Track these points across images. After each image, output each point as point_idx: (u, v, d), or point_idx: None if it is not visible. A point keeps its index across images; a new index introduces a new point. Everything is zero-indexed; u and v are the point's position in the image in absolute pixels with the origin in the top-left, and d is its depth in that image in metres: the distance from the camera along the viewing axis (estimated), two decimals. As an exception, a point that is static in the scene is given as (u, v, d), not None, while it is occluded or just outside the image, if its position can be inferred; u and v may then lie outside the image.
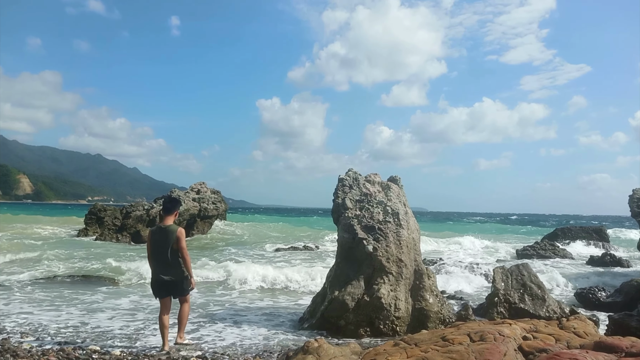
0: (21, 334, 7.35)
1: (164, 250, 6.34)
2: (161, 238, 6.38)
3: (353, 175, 9.61)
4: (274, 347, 7.08)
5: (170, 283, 6.37)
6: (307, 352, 4.86)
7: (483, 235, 31.66)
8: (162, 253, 6.36)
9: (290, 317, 9.19)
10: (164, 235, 6.38)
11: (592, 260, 19.30)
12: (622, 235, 37.24)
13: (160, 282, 6.40)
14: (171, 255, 6.33)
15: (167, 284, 6.38)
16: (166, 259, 6.33)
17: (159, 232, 6.43)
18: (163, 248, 6.34)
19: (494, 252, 22.81)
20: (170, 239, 6.34)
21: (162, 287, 6.44)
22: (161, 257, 6.37)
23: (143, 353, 6.43)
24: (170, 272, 6.34)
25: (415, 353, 4.35)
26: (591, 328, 5.44)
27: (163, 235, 6.39)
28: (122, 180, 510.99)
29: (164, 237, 6.37)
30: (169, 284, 6.38)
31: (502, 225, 60.83)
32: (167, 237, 6.36)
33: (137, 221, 28.09)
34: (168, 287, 6.42)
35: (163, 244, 6.35)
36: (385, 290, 7.90)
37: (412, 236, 8.69)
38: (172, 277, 6.34)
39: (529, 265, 9.41)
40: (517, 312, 8.29)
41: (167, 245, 6.33)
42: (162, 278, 6.36)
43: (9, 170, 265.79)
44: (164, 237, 6.37)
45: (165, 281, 6.37)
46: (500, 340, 4.41)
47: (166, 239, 6.35)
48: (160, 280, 6.39)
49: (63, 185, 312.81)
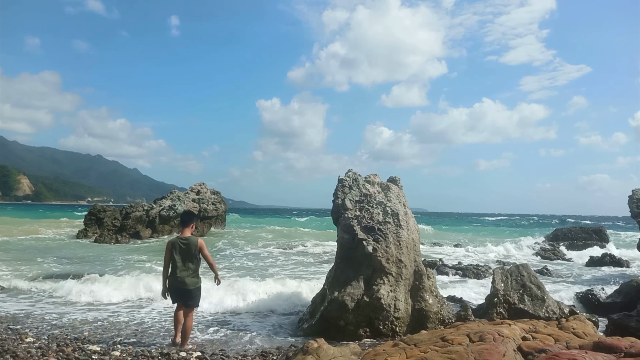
0: (20, 334, 7.35)
1: (183, 261, 6.73)
2: (181, 249, 6.73)
3: (353, 176, 9.62)
4: (274, 347, 7.09)
5: (184, 292, 6.75)
6: (306, 353, 4.87)
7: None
8: (181, 263, 6.73)
9: (290, 317, 9.20)
10: (184, 247, 6.73)
11: (591, 261, 19.31)
12: (622, 235, 37.24)
13: (177, 290, 6.78)
14: (188, 266, 6.72)
15: (182, 292, 6.77)
16: (183, 268, 6.72)
17: (181, 245, 6.76)
18: (182, 258, 6.72)
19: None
20: (192, 250, 6.71)
21: (176, 293, 6.82)
22: (184, 267, 6.74)
23: (143, 353, 6.43)
24: (190, 281, 6.73)
25: (414, 353, 4.36)
26: (590, 328, 5.45)
27: (183, 246, 6.74)
28: (122, 181, 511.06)
29: (184, 248, 6.73)
30: (183, 292, 6.76)
31: (515, 227, 60.70)
32: (187, 248, 6.72)
33: (137, 222, 28.11)
34: (186, 295, 6.79)
35: (183, 254, 6.72)
36: (384, 290, 7.90)
37: (412, 237, 8.70)
38: (186, 286, 6.71)
39: (528, 265, 9.42)
40: (517, 313, 8.29)
41: (186, 255, 6.72)
42: (178, 287, 6.74)
43: (9, 171, 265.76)
44: (184, 248, 6.73)
45: (180, 289, 6.75)
46: (499, 341, 4.42)
47: (186, 250, 6.72)
48: (177, 288, 6.77)
49: (63, 186, 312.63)
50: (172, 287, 6.80)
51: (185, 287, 6.69)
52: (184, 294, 6.74)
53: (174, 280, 6.73)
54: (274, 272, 15.15)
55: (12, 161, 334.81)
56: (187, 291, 6.72)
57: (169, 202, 29.68)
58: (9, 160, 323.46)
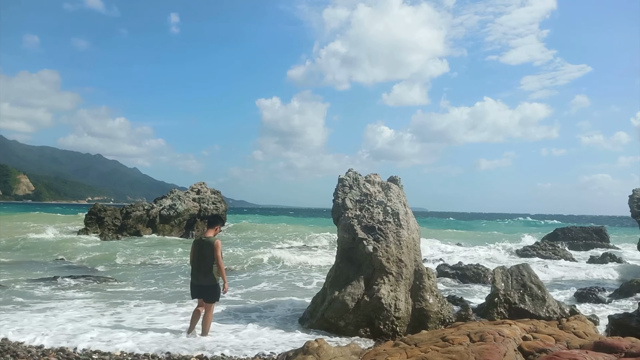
0: (21, 334, 7.34)
1: (201, 259, 7.34)
2: (200, 248, 7.36)
3: (353, 176, 9.62)
4: (274, 347, 7.08)
5: (202, 287, 7.37)
6: (307, 353, 4.87)
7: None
8: (199, 261, 7.36)
9: (290, 317, 9.19)
10: (203, 246, 7.35)
11: (592, 261, 19.32)
12: (622, 235, 37.22)
13: (194, 285, 7.46)
14: (206, 263, 7.30)
15: (200, 288, 7.39)
16: (202, 266, 7.32)
17: (200, 243, 7.44)
18: (200, 257, 7.34)
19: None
20: (208, 249, 7.29)
21: (196, 290, 7.47)
22: (198, 264, 7.37)
23: (143, 353, 6.43)
24: (203, 278, 7.33)
25: (415, 353, 4.36)
26: (591, 328, 5.45)
27: (202, 245, 7.36)
28: (122, 180, 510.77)
29: (203, 248, 7.34)
30: (201, 289, 7.38)
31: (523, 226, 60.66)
32: (205, 247, 7.32)
33: (137, 221, 28.13)
34: (200, 291, 7.41)
35: (201, 253, 7.34)
36: (385, 290, 7.90)
37: (412, 236, 8.70)
38: (204, 282, 7.33)
39: (529, 265, 9.40)
40: (517, 313, 8.28)
41: (204, 254, 7.32)
42: (197, 283, 7.40)
43: (9, 170, 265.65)
44: (203, 248, 7.34)
45: (198, 285, 7.40)
46: (500, 341, 4.41)
47: (204, 249, 7.32)
48: (195, 284, 7.45)
49: (63, 186, 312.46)
50: (192, 283, 7.48)
51: (204, 284, 7.31)
52: (202, 290, 7.34)
53: (194, 277, 7.43)
54: (274, 272, 15.17)
55: (12, 160, 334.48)
56: (205, 287, 7.32)
57: (169, 201, 29.69)
58: (9, 160, 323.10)
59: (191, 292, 7.59)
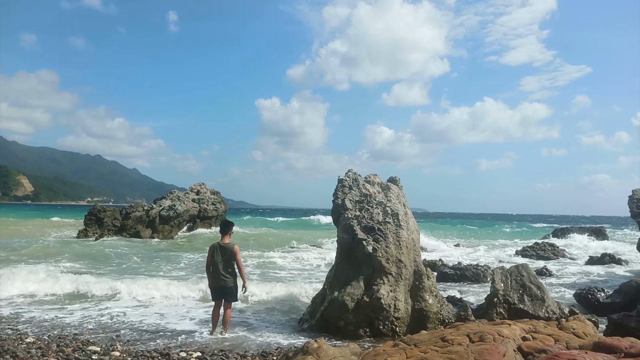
0: (20, 334, 7.35)
1: (221, 263, 7.86)
2: (221, 253, 7.92)
3: (353, 176, 9.63)
4: (274, 347, 7.09)
5: (224, 289, 7.88)
6: (306, 353, 4.87)
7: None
8: (220, 265, 7.86)
9: (289, 317, 9.20)
10: (223, 251, 7.93)
11: (591, 261, 19.32)
12: (622, 235, 37.25)
13: (217, 287, 7.91)
14: (227, 267, 7.88)
15: (222, 290, 7.89)
16: (223, 270, 7.86)
17: (220, 249, 7.98)
18: (221, 261, 7.88)
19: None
20: (228, 254, 7.90)
21: (217, 291, 7.92)
22: (223, 268, 7.87)
23: (142, 353, 6.44)
24: (225, 281, 7.84)
25: (414, 354, 4.36)
26: (590, 329, 5.45)
27: (222, 251, 7.94)
28: (121, 181, 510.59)
29: (223, 253, 7.92)
30: (224, 290, 7.88)
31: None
32: (225, 252, 7.92)
33: (137, 222, 28.10)
34: (222, 292, 7.90)
35: (221, 258, 7.89)
36: (384, 290, 7.91)
37: (412, 237, 8.70)
38: (226, 284, 7.85)
39: (528, 265, 9.41)
40: (517, 313, 8.29)
41: (224, 259, 7.89)
42: (219, 285, 7.86)
43: (9, 171, 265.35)
44: (223, 253, 7.92)
45: (221, 287, 7.87)
46: (499, 341, 4.42)
47: (224, 254, 7.91)
48: (217, 286, 7.90)
49: (62, 186, 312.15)
50: (213, 285, 7.96)
51: (224, 285, 7.82)
52: (223, 291, 7.86)
53: (214, 280, 7.90)
54: (274, 272, 15.16)
55: (11, 161, 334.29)
56: (225, 289, 7.84)
57: (169, 202, 29.67)
58: (9, 160, 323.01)
59: (213, 294, 8.01)
